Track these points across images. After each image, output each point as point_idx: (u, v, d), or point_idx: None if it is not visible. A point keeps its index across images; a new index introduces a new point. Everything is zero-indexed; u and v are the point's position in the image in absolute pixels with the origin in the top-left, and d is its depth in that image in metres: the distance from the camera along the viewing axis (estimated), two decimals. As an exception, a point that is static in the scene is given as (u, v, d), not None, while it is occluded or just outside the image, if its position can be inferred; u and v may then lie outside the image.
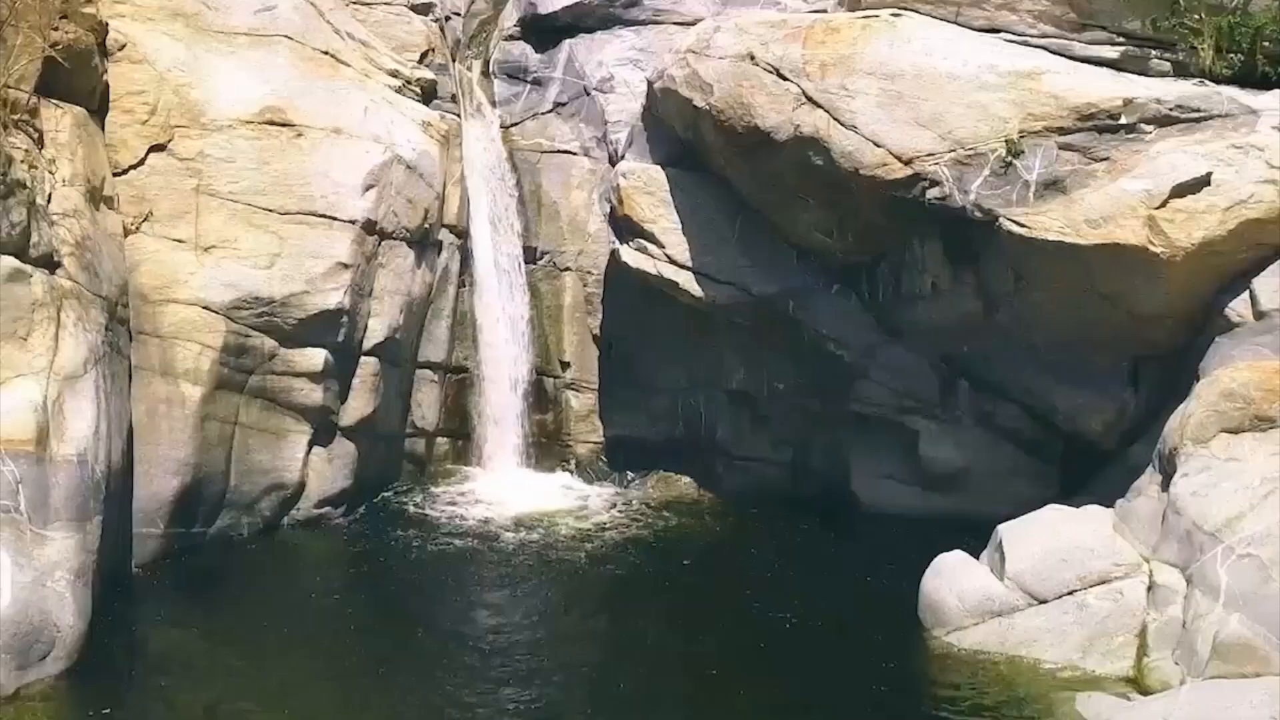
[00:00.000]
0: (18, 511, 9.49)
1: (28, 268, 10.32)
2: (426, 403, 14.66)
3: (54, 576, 9.52)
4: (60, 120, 11.32)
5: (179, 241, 12.48)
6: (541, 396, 15.34)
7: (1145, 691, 9.29)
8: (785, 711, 9.54)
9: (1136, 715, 8.68)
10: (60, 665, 9.40)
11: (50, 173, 10.94)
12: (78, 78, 11.65)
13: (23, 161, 10.52)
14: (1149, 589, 10.15)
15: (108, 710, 9.18)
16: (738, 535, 13.50)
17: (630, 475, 14.93)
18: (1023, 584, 10.42)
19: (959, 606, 10.51)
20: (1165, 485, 10.86)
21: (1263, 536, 9.57)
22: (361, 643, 10.61)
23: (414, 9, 15.71)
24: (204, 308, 12.31)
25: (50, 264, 10.56)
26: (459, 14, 16.50)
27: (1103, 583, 10.32)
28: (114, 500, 10.70)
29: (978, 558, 10.96)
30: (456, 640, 10.80)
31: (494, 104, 16.09)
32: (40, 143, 10.98)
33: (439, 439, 14.86)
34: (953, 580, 10.66)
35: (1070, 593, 10.34)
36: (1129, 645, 9.88)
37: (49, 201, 10.77)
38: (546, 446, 15.26)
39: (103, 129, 12.29)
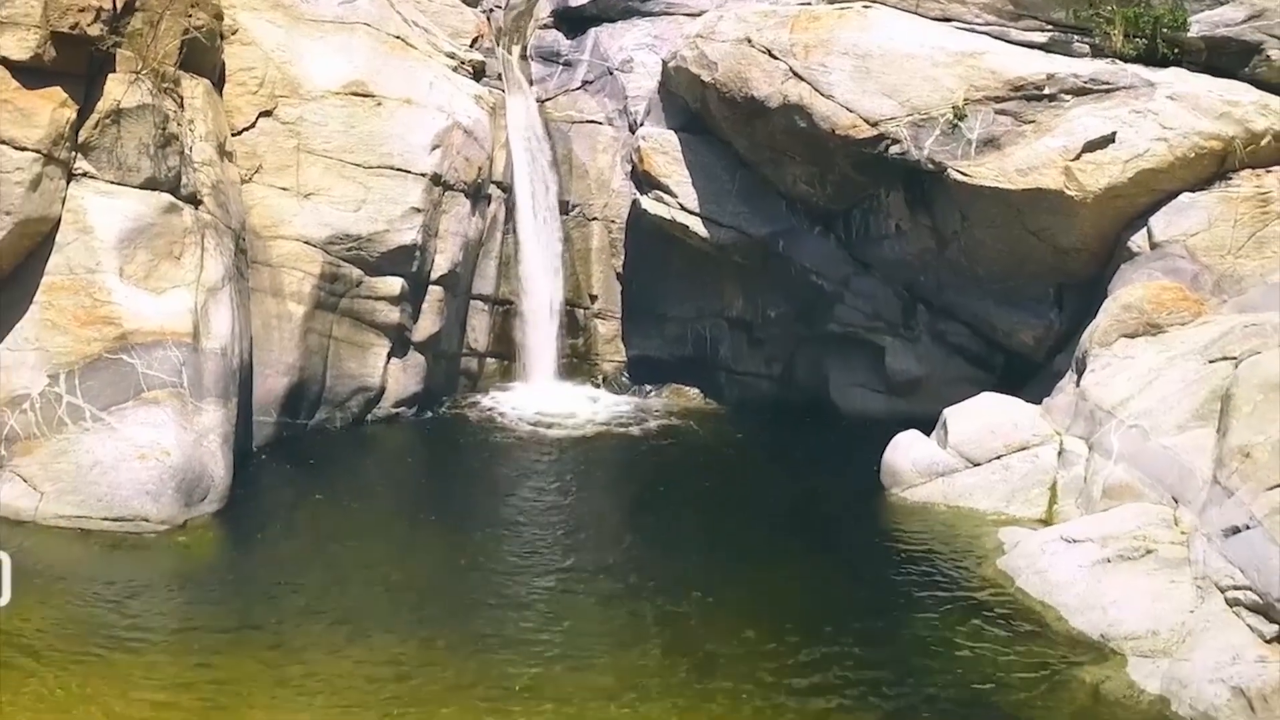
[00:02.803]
0: (181, 387, 11.14)
1: (180, 203, 11.90)
2: (479, 328, 15.90)
3: (208, 439, 11.24)
4: (195, 89, 12.78)
5: (284, 189, 13.71)
6: (573, 324, 16.49)
7: (1050, 525, 11.00)
8: (775, 548, 11.08)
9: (1039, 536, 10.45)
10: (214, 506, 11.14)
11: (190, 130, 12.45)
12: (204, 56, 13.07)
13: (172, 120, 12.15)
14: (1059, 454, 11.73)
15: (250, 539, 11.05)
16: (737, 433, 14.90)
17: (648, 388, 16.14)
18: (961, 451, 12.05)
19: (911, 469, 12.14)
20: (1078, 382, 12.38)
21: (1146, 411, 11.11)
22: (431, 505, 12.34)
23: (466, 2, 17.00)
24: (305, 243, 13.59)
25: (195, 201, 12.14)
26: (501, 6, 17.73)
27: (1023, 449, 11.89)
28: (244, 389, 12.36)
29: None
30: (505, 504, 12.57)
31: (531, 82, 17.13)
32: (181, 106, 12.45)
33: (488, 359, 16.04)
34: (907, 450, 12.30)
35: (998, 457, 11.92)
36: (1042, 495, 11.51)
37: (191, 152, 12.30)
38: (577, 365, 16.42)
39: (221, 97, 13.63)
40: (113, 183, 11.60)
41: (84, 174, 11.51)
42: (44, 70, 11.09)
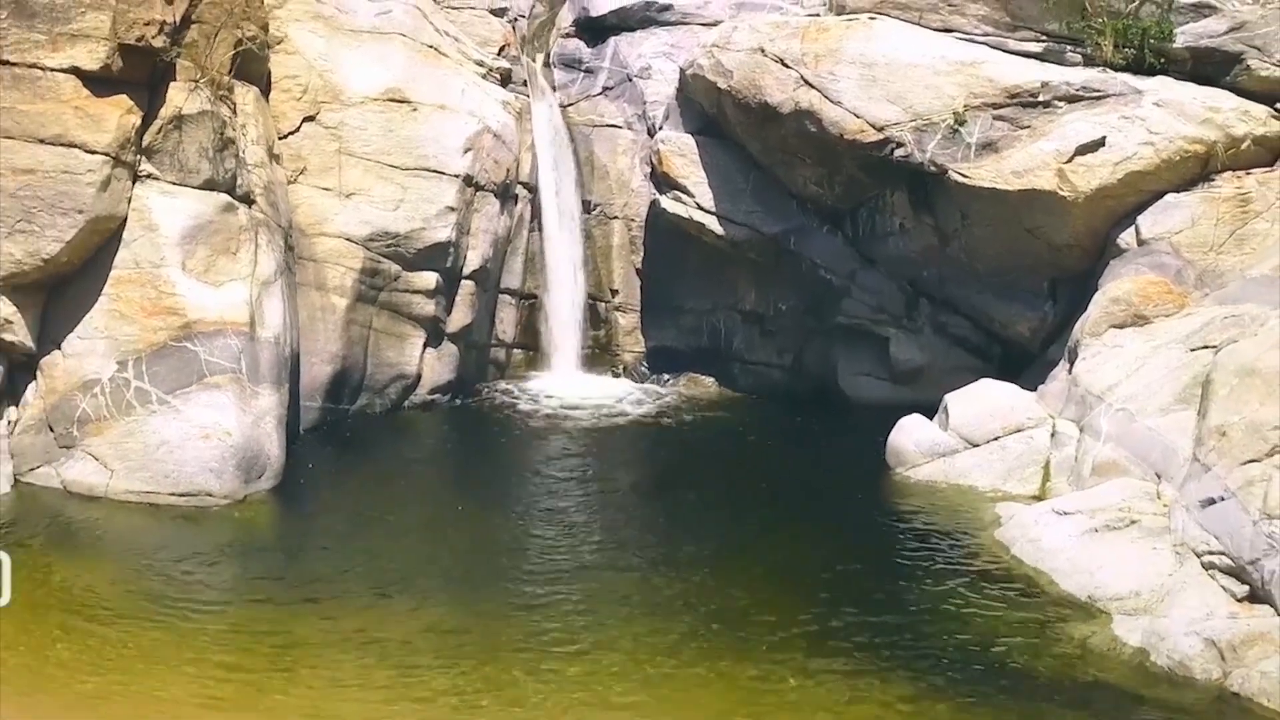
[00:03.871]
0: (240, 373, 11.78)
1: (236, 202, 12.48)
2: (506, 320, 16.52)
3: (264, 420, 11.90)
4: (246, 96, 13.33)
5: (326, 189, 14.28)
6: (595, 317, 17.04)
7: (1043, 500, 11.60)
8: (787, 520, 11.65)
9: (1033, 509, 11.11)
10: (270, 482, 11.81)
11: (243, 134, 13.03)
12: (254, 65, 13.65)
13: (228, 125, 12.71)
14: (1052, 435, 12.27)
15: (304, 513, 11.79)
16: (750, 418, 15.39)
17: (665, 376, 16.61)
18: (961, 433, 12.62)
19: (915, 450, 12.71)
20: (1071, 369, 12.91)
21: (1132, 396, 11.67)
22: (467, 484, 13.02)
23: (493, 13, 17.53)
24: (347, 239, 14.18)
25: (249, 200, 12.72)
26: (525, 16, 18.21)
27: (1019, 431, 12.44)
28: (292, 376, 12.97)
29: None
30: (536, 483, 13.27)
31: (554, 88, 17.54)
32: (235, 112, 13.02)
33: (515, 350, 16.66)
34: (910, 432, 12.86)
35: (995, 438, 12.47)
36: (1036, 474, 12.08)
37: (244, 155, 12.87)
38: (599, 355, 16.96)
39: (268, 103, 14.14)
40: (174, 183, 12.18)
41: (148, 175, 12.10)
42: (112, 79, 11.72)
